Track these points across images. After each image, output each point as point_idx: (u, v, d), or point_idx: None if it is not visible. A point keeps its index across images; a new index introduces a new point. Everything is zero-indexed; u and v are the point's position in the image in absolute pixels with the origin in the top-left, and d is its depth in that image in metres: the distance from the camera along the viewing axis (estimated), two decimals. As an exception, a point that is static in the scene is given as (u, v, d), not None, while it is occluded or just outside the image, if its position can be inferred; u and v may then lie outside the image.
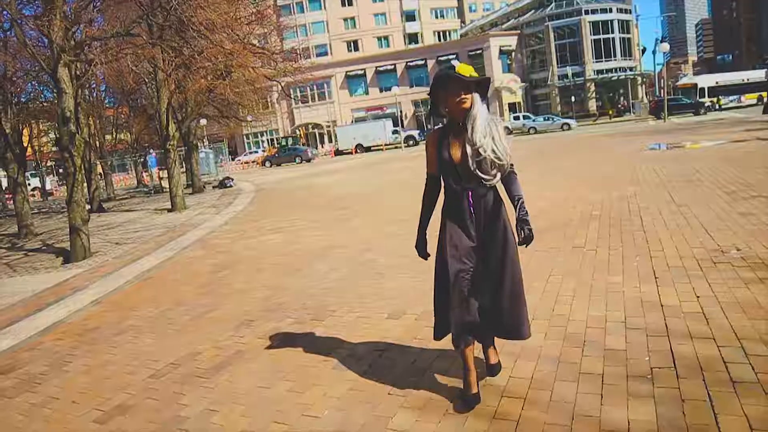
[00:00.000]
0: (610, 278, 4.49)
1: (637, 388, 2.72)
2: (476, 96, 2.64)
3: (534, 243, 2.77)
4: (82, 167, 9.57)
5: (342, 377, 3.33)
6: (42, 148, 38.38)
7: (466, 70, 2.60)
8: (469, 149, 2.63)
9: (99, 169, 25.82)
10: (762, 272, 4.19)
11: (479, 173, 2.64)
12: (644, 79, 61.51)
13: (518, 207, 2.70)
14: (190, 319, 4.90)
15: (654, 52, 49.19)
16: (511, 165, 2.74)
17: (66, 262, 9.33)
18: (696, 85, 47.86)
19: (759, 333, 3.17)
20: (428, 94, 2.76)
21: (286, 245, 7.85)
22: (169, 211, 15.64)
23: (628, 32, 66.23)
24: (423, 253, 2.93)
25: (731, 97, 45.35)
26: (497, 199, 2.76)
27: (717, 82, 47.87)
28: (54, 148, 40.08)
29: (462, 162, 2.66)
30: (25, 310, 6.06)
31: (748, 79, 47.63)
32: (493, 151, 2.61)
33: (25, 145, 17.74)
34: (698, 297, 3.84)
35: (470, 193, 2.69)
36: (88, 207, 20.20)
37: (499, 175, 2.68)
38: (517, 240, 2.74)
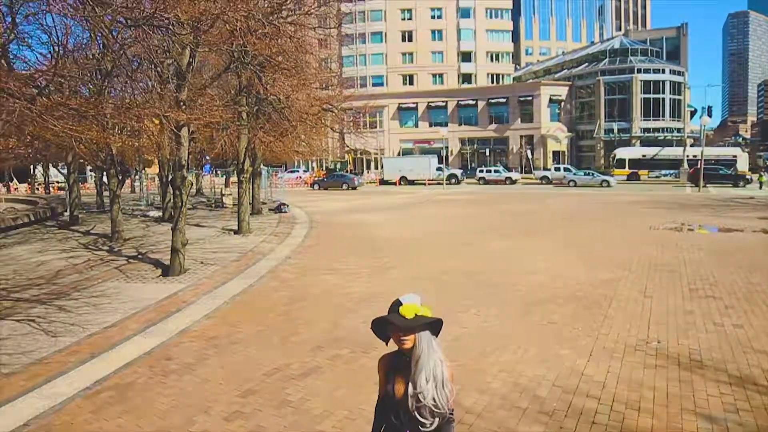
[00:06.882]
0: (560, 351, 6.70)
1: (540, 418, 4.97)
2: (422, 335, 2.62)
3: (523, 315, 4.67)
4: (186, 203, 12.26)
5: (379, 391, 5.65)
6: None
7: (410, 311, 2.59)
8: (410, 389, 2.61)
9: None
10: (660, 361, 6.34)
11: (417, 416, 2.61)
12: (692, 142, 62.02)
13: None
14: (279, 340, 7.32)
15: (700, 117, 50.42)
16: (451, 411, 2.74)
17: (164, 274, 11.97)
18: (614, 156, 50.06)
19: (628, 399, 5.36)
20: (371, 327, 2.81)
21: (341, 287, 10.26)
22: (235, 233, 18.35)
23: (679, 94, 67.43)
24: None
25: (665, 172, 46.92)
26: None
27: (643, 156, 48.83)
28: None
29: (402, 400, 2.64)
30: (157, 314, 8.62)
31: (693, 156, 47.20)
32: (434, 399, 2.60)
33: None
34: (608, 372, 6.02)
35: None
36: (159, 214, 23.22)
37: (437, 422, 2.66)
38: None
